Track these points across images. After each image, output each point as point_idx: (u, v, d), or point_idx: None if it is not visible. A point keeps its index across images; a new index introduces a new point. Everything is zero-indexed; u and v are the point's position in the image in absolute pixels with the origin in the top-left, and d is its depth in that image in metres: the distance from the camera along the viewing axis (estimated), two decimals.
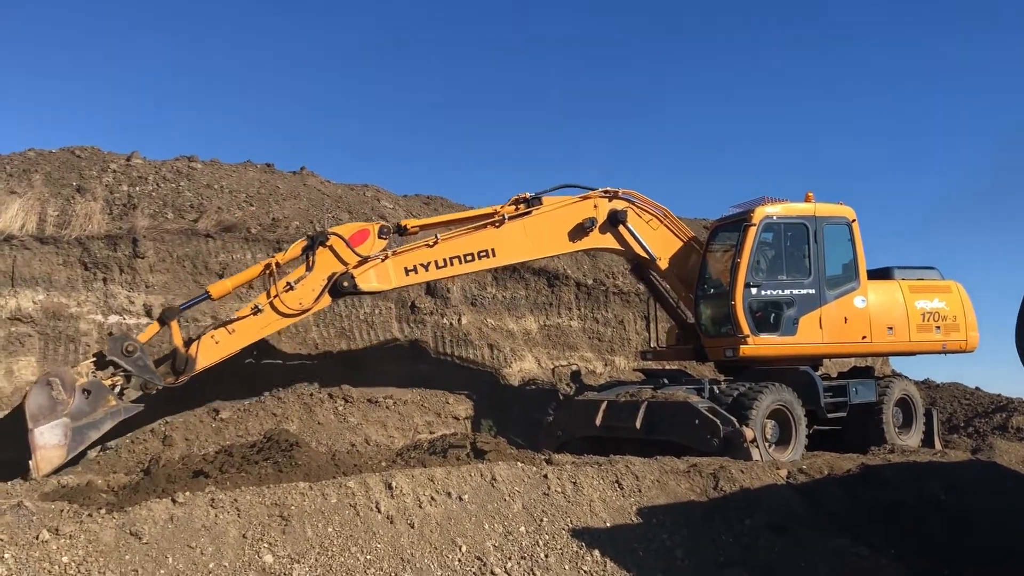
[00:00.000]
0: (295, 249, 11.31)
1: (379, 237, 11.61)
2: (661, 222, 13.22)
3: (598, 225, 12.70)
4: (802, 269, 12.42)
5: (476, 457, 9.70)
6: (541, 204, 12.43)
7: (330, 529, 6.31)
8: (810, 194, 12.72)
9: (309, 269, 11.21)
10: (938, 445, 13.48)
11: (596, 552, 6.91)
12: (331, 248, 11.34)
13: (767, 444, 10.91)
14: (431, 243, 11.82)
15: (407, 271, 11.75)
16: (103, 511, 6.05)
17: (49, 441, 9.66)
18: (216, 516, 6.06)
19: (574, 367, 16.59)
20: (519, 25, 75.26)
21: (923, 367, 49.31)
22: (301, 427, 12.20)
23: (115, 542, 5.57)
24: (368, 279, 11.51)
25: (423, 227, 12.29)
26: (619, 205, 12.83)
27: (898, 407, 13.15)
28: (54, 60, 62.17)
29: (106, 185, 13.96)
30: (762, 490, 8.44)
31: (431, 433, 13.13)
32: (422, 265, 11.78)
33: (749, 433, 10.35)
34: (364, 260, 11.41)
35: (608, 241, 12.89)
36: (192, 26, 65.57)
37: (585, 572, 6.74)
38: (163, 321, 10.80)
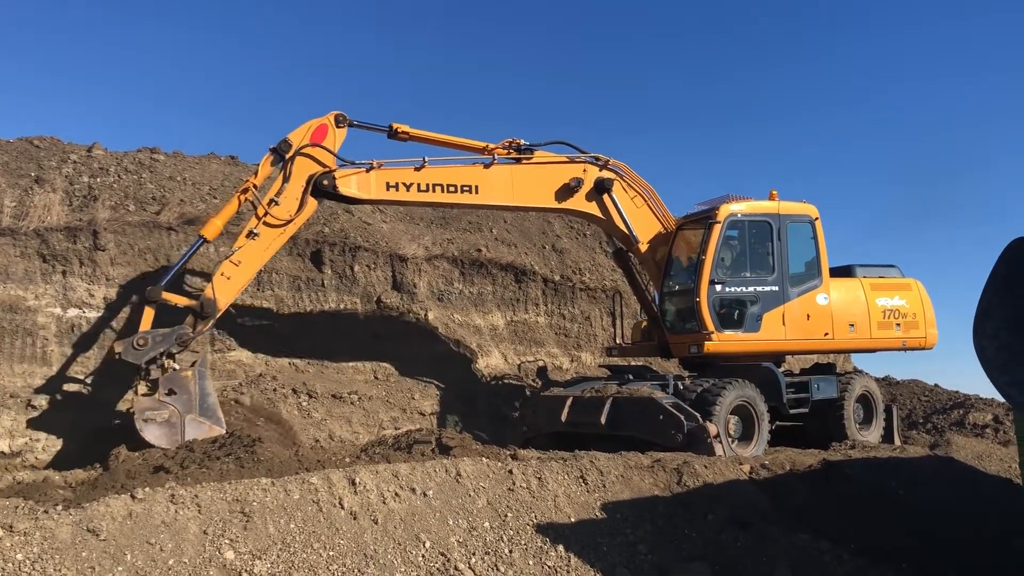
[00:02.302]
0: (264, 167, 11.40)
1: (337, 127, 11.67)
2: (645, 201, 13.35)
3: (584, 190, 12.83)
4: (766, 266, 12.53)
5: (441, 453, 9.67)
6: (532, 156, 12.59)
7: (292, 525, 6.25)
8: (774, 192, 12.84)
9: (287, 180, 11.31)
10: (897, 441, 13.70)
11: (560, 547, 6.92)
12: (307, 155, 11.43)
13: (730, 440, 11.00)
14: (418, 166, 11.88)
15: (388, 186, 11.85)
16: (59, 507, 5.94)
17: (200, 434, 10.43)
18: (176, 512, 5.97)
19: (540, 363, 16.62)
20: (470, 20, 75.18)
21: (884, 364, 50.09)
22: (265, 423, 12.08)
23: (71, 539, 5.46)
24: (348, 184, 11.62)
25: (413, 137, 12.36)
26: (607, 175, 12.97)
27: (859, 403, 13.33)
28: (9, 46, 60.98)
29: (66, 176, 13.74)
30: (725, 485, 8.50)
31: (396, 429, 13.08)
32: (404, 184, 11.87)
33: (712, 429, 10.42)
34: (345, 164, 11.58)
35: (592, 208, 13.02)
36: (155, 15, 64.64)
37: (549, 567, 6.74)
38: (150, 301, 10.85)
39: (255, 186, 11.28)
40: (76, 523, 5.57)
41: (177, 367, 10.79)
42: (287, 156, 11.33)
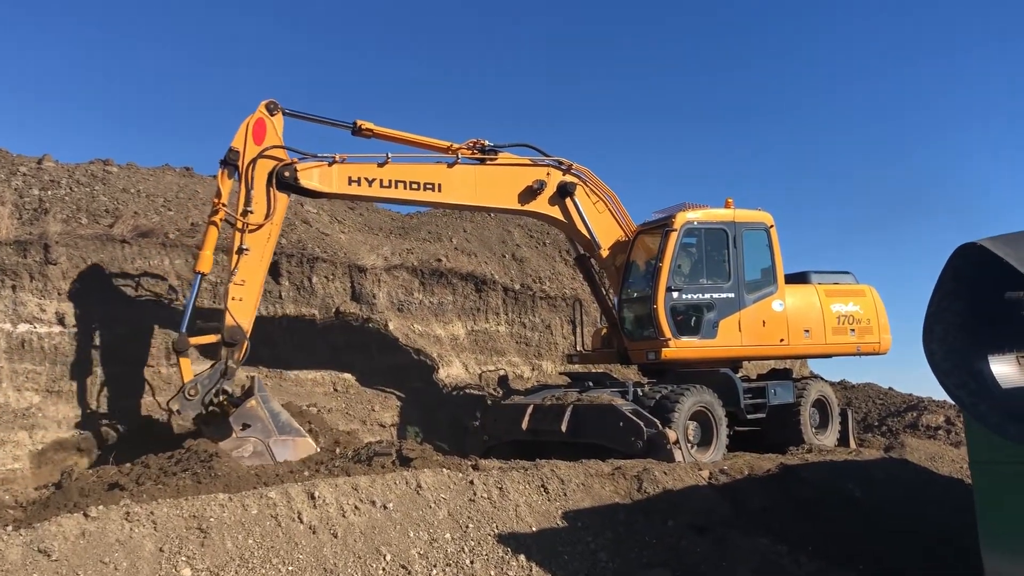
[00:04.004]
0: (223, 182, 11.33)
1: (271, 115, 11.63)
2: (607, 206, 13.48)
3: (547, 194, 12.96)
4: (722, 273, 12.68)
5: (402, 464, 9.61)
6: (496, 157, 12.71)
7: (251, 541, 6.18)
8: (729, 200, 13.01)
9: (250, 187, 11.28)
10: (853, 444, 13.88)
11: (522, 557, 6.92)
12: (265, 156, 11.42)
13: (689, 445, 11.09)
14: (381, 163, 11.94)
15: (351, 181, 11.89)
16: (9, 528, 5.83)
17: (289, 454, 10.70)
18: (131, 530, 5.87)
19: (501, 372, 16.62)
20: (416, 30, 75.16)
21: (840, 368, 50.77)
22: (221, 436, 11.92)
23: (22, 560, 5.35)
24: (310, 176, 11.65)
25: (377, 134, 12.45)
26: (570, 179, 13.11)
27: (815, 408, 13.48)
28: None
29: (15, 189, 13.46)
30: (685, 491, 8.58)
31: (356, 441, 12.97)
32: (367, 179, 11.92)
33: (672, 435, 10.49)
34: (306, 157, 11.62)
35: (554, 212, 13.16)
36: (107, 25, 63.65)
37: None
38: (181, 351, 10.92)
39: (223, 204, 11.22)
40: (27, 544, 5.46)
41: (239, 398, 10.96)
42: (241, 165, 11.27)
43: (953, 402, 4.93)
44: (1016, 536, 4.74)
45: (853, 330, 13.61)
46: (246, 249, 11.13)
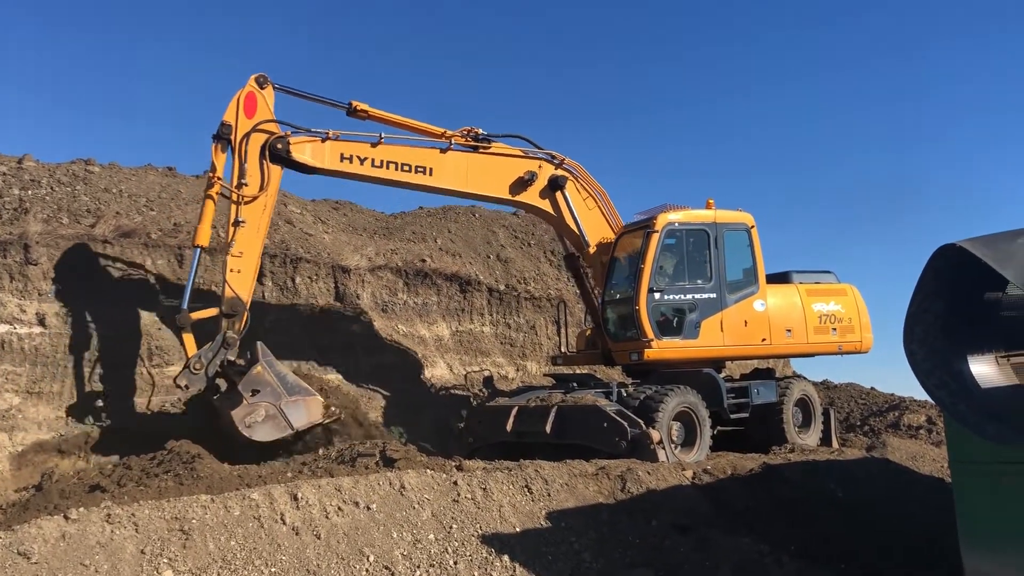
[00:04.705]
0: (217, 156, 11.38)
1: (261, 88, 11.70)
2: (597, 204, 13.58)
3: (538, 187, 13.09)
4: (704, 274, 12.72)
5: (386, 465, 9.60)
6: (489, 146, 12.84)
7: (233, 542, 6.15)
8: (710, 201, 13.06)
9: (244, 160, 11.36)
10: (835, 443, 13.97)
11: (505, 557, 6.92)
12: (258, 131, 11.49)
13: (673, 445, 11.12)
14: (374, 142, 12.05)
15: (343, 157, 11.99)
16: None
17: (302, 415, 11.02)
18: (112, 532, 5.83)
19: (486, 373, 16.61)
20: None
21: (822, 368, 51.16)
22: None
23: (1, 563, 5.30)
24: (302, 150, 11.73)
25: (372, 116, 12.55)
26: (562, 173, 13.24)
27: (797, 407, 13.55)
28: None
29: None
30: (668, 491, 8.60)
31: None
32: (359, 158, 12.03)
33: (655, 435, 10.53)
34: (299, 131, 11.71)
35: (544, 205, 13.26)
36: (89, 24, 63.24)
37: None
38: (183, 327, 11.02)
39: (219, 178, 11.29)
40: (6, 546, 5.41)
41: (244, 366, 11.10)
42: (233, 138, 11.35)
43: (934, 402, 4.97)
44: (995, 534, 4.79)
45: (835, 329, 13.68)
46: (242, 221, 11.23)
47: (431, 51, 76.21)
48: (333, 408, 11.71)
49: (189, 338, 10.97)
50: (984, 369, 4.60)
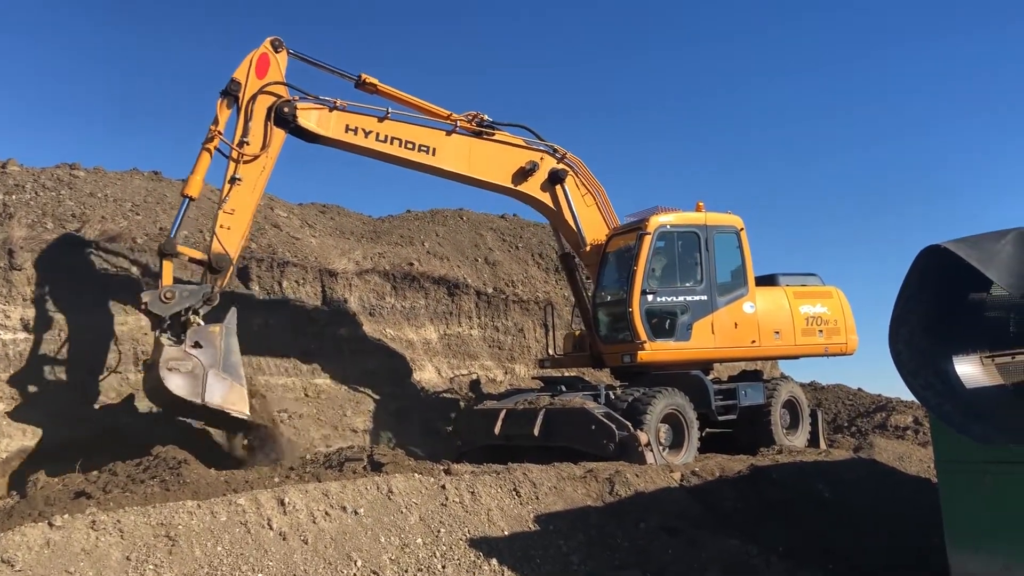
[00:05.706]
0: (221, 111, 11.35)
1: (276, 52, 11.78)
2: (595, 201, 13.63)
3: (539, 178, 13.16)
4: (694, 276, 12.76)
5: (374, 470, 9.57)
6: (493, 133, 12.92)
7: (220, 548, 6.11)
8: (700, 204, 13.11)
9: (249, 119, 11.38)
10: (823, 444, 14.03)
11: (494, 561, 6.91)
12: (267, 92, 11.52)
13: (661, 448, 11.14)
14: (381, 117, 12.13)
15: (348, 128, 12.06)
16: None
17: (219, 392, 10.60)
18: (97, 539, 5.79)
19: (474, 376, 16.60)
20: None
21: (810, 369, 51.34)
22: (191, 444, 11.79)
23: None
24: (308, 117, 11.79)
25: (380, 91, 12.65)
26: (562, 167, 13.31)
27: (785, 409, 13.61)
28: None
29: None
30: (656, 493, 8.61)
31: (328, 447, 12.90)
32: (364, 130, 12.11)
33: (643, 437, 10.54)
34: (307, 98, 11.77)
35: (544, 197, 13.30)
36: (74, 27, 62.82)
37: None
38: (167, 254, 10.91)
39: (220, 133, 11.25)
40: None
41: (202, 323, 10.88)
42: (241, 97, 11.36)
43: (920, 402, 5.00)
44: (980, 534, 4.81)
45: (821, 331, 13.75)
46: (239, 179, 11.22)
47: (430, 50, 76.14)
48: (248, 412, 11.19)
49: (168, 266, 10.89)
50: (969, 369, 4.63)
